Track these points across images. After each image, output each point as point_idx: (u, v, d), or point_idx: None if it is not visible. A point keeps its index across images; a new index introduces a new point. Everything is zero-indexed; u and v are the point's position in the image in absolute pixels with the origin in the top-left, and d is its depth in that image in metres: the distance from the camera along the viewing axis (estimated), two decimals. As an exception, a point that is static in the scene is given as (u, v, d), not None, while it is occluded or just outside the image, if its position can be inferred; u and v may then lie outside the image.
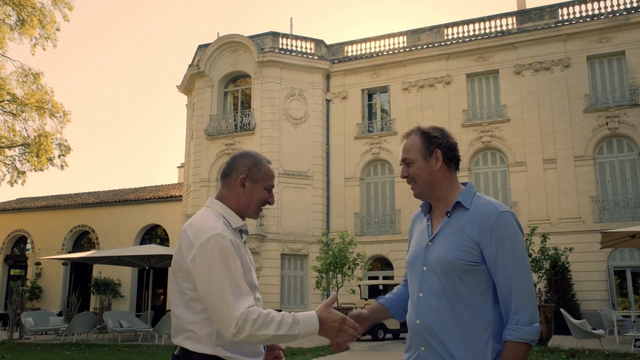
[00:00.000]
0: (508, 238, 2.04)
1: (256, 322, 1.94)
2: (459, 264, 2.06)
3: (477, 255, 2.06)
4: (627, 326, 16.71)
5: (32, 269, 28.62)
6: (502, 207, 2.11)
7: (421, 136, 2.24)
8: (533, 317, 2.00)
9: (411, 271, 2.25)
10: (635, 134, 20.51)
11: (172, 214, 26.46)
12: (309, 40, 25.44)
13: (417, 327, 2.13)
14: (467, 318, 2.05)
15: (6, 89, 23.85)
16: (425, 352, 2.10)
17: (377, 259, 23.52)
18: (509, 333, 1.99)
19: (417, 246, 2.26)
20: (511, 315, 2.01)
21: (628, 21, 21.11)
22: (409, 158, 2.25)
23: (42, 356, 12.17)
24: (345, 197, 24.03)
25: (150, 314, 18.50)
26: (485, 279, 2.07)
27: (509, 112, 22.31)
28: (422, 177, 2.23)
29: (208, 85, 25.30)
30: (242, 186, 2.24)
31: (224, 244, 2.04)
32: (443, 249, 2.11)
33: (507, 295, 2.02)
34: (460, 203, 2.16)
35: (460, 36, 23.91)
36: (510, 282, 2.02)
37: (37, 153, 24.18)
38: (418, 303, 2.16)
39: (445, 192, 2.23)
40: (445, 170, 2.22)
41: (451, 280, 2.07)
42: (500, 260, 2.03)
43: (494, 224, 2.05)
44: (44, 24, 23.85)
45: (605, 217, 20.29)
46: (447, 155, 2.22)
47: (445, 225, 2.17)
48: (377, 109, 25.31)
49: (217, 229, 2.07)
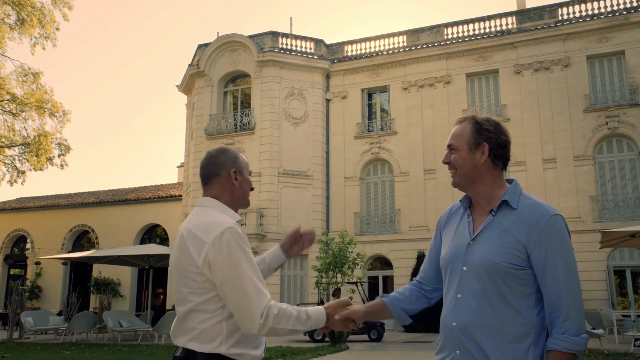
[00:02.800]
0: (558, 243, 1.93)
1: (277, 317, 2.00)
2: (504, 266, 1.95)
3: (523, 258, 1.95)
4: (627, 326, 16.73)
5: (32, 269, 28.63)
6: (553, 210, 1.99)
7: (473, 125, 2.14)
8: (581, 327, 1.90)
9: (449, 271, 2.11)
10: (635, 133, 20.51)
11: (172, 214, 26.45)
12: (309, 39, 25.43)
13: (453, 329, 2.02)
14: (508, 322, 1.94)
15: (6, 88, 23.83)
16: (460, 356, 1.99)
17: (376, 258, 23.52)
18: (556, 342, 1.88)
19: (456, 244, 2.11)
20: (558, 324, 1.90)
21: (628, 21, 21.11)
22: (454, 145, 2.14)
23: (41, 356, 12.16)
24: (345, 196, 24.03)
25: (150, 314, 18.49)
26: (530, 284, 1.97)
27: (508, 111, 22.31)
28: (463, 167, 2.11)
29: (208, 84, 25.29)
30: (235, 179, 2.28)
31: (238, 237, 2.06)
32: (487, 250, 1.99)
33: (554, 302, 1.91)
34: (507, 202, 2.03)
35: (460, 36, 23.91)
36: (560, 289, 1.91)
37: (37, 153, 24.16)
38: (455, 304, 2.04)
39: (488, 188, 2.10)
40: (490, 166, 2.10)
41: (494, 282, 1.96)
42: (549, 266, 1.92)
43: (543, 227, 1.94)
44: (43, 23, 23.83)
45: (605, 216, 20.29)
46: (494, 152, 2.09)
47: (490, 224, 2.04)
48: (376, 108, 25.31)
49: (227, 223, 2.08)
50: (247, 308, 1.99)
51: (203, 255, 2.03)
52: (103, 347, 14.21)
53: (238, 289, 2.00)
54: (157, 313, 20.81)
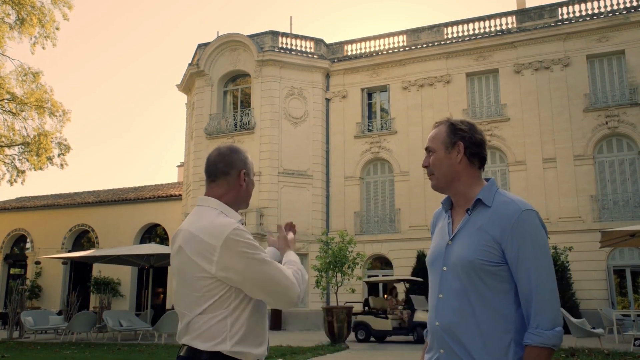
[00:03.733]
0: (530, 237, 1.95)
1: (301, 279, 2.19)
2: (479, 264, 1.98)
3: (498, 255, 1.98)
4: (627, 325, 16.71)
5: (32, 268, 28.63)
6: (525, 205, 2.01)
7: (448, 127, 2.19)
8: (555, 321, 1.91)
9: (431, 271, 2.16)
10: (634, 133, 20.51)
11: (172, 213, 26.45)
12: (309, 39, 25.42)
13: (437, 329, 2.06)
14: (488, 320, 1.96)
15: (6, 87, 23.83)
16: (445, 355, 2.02)
17: (376, 258, 23.52)
18: (530, 337, 1.90)
19: (437, 245, 2.17)
20: (532, 318, 1.92)
21: (628, 20, 21.11)
22: (431, 147, 2.20)
23: (41, 355, 12.17)
24: (345, 196, 24.03)
25: (150, 313, 18.49)
26: (507, 280, 1.98)
27: (508, 111, 22.32)
28: (441, 168, 2.17)
29: (208, 84, 25.29)
30: (244, 181, 2.27)
31: (246, 234, 2.09)
32: (464, 249, 2.03)
33: (528, 297, 1.93)
34: (481, 200, 2.07)
35: (460, 35, 23.90)
36: (532, 284, 1.92)
37: (37, 152, 24.15)
38: (437, 304, 2.08)
39: (465, 187, 2.15)
40: (467, 165, 2.15)
41: (472, 281, 1.99)
42: (521, 260, 1.94)
43: (516, 222, 1.97)
44: (43, 23, 23.82)
45: (604, 216, 20.29)
46: (470, 150, 2.15)
47: (466, 223, 2.09)
48: (376, 108, 25.30)
49: (233, 224, 2.09)
50: (283, 290, 2.10)
51: (216, 259, 2.04)
52: (103, 347, 14.22)
53: (266, 280, 2.07)
54: (157, 312, 20.79)
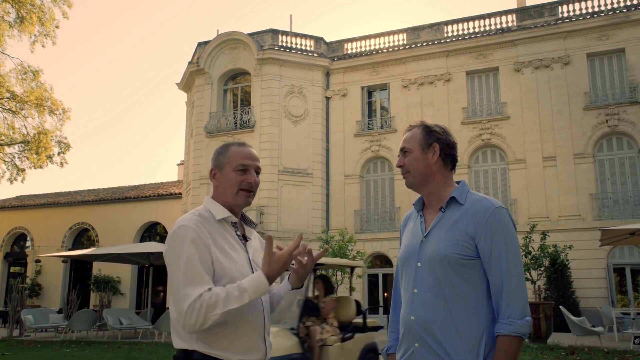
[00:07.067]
0: (502, 233, 2.08)
1: (201, 310, 1.92)
2: (454, 257, 2.08)
3: (472, 249, 2.09)
4: (627, 323, 16.73)
5: (32, 267, 28.64)
6: (497, 203, 2.15)
7: (423, 129, 2.30)
8: (524, 311, 2.02)
9: (404, 268, 2.25)
10: (635, 131, 20.50)
11: (172, 212, 26.45)
12: (309, 37, 25.40)
13: (412, 323, 2.14)
14: (461, 313, 2.06)
15: (5, 86, 23.80)
16: (420, 349, 2.10)
17: (376, 256, 23.53)
18: (502, 327, 2.01)
19: (410, 243, 2.26)
20: (502, 309, 2.03)
21: (628, 18, 21.08)
22: (407, 147, 2.29)
23: (41, 353, 12.18)
24: (344, 194, 24.03)
25: (150, 312, 18.51)
26: (480, 274, 2.10)
27: (508, 109, 22.30)
28: (417, 167, 2.26)
29: (208, 82, 25.27)
30: (214, 177, 2.28)
31: (184, 235, 2.04)
32: (438, 244, 2.13)
33: (499, 289, 2.05)
34: (455, 198, 2.19)
35: (460, 34, 23.88)
36: (503, 276, 2.04)
37: (37, 150, 24.14)
38: (412, 299, 2.16)
39: (438, 187, 2.26)
40: (441, 166, 2.27)
41: (446, 275, 2.09)
42: (493, 255, 2.07)
43: (489, 218, 2.09)
44: (43, 21, 23.79)
45: (604, 214, 20.29)
46: (444, 151, 2.26)
47: (440, 220, 2.19)
48: (376, 106, 25.29)
49: (184, 221, 2.09)
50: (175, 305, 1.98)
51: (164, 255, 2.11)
52: (103, 345, 14.23)
53: (171, 285, 2.02)
54: (157, 311, 20.83)
